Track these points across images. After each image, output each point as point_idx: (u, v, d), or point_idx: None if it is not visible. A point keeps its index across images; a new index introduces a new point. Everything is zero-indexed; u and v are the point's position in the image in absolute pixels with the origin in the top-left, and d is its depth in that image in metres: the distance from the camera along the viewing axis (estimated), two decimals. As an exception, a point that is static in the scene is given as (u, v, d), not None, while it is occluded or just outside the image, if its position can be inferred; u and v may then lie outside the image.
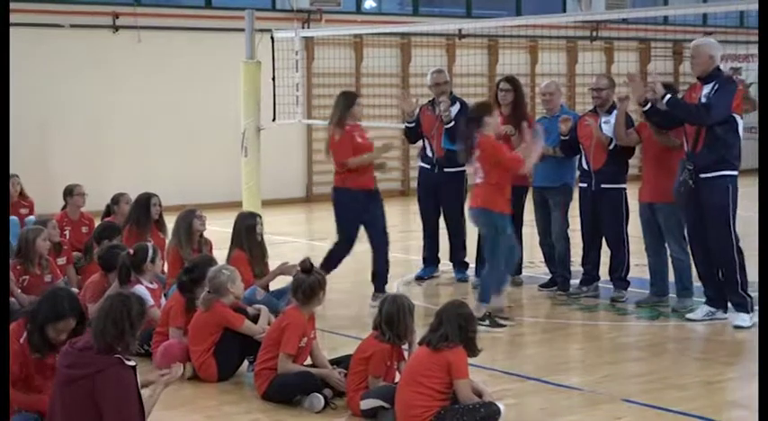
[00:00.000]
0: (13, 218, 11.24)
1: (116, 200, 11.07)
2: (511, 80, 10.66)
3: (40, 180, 14.87)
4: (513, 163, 9.10)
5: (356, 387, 6.67)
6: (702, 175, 8.82)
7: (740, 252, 8.93)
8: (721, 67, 9.10)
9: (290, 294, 7.37)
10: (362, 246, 11.65)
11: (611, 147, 9.78)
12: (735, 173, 8.87)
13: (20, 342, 6.07)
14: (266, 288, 9.24)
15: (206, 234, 9.98)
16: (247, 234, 9.38)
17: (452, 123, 10.68)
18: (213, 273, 7.66)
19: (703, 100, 8.82)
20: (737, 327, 8.88)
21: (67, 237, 10.89)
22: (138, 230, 10.11)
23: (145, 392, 5.65)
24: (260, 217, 9.58)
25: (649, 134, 9.55)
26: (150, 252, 8.40)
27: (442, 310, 6.37)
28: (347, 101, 10.29)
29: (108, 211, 11.13)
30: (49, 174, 16.00)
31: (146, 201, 10.40)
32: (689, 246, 9.29)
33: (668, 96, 8.86)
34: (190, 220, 9.67)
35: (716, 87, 8.78)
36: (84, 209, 11.56)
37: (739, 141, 8.87)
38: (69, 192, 11.47)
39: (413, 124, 11.17)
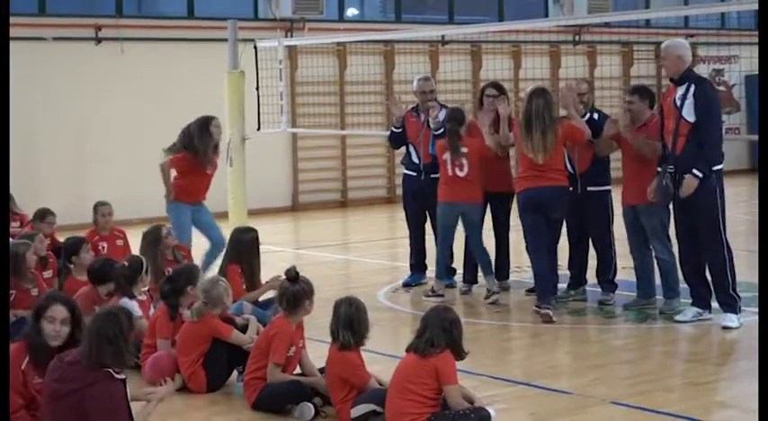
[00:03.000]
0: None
1: (94, 209, 11.11)
2: (498, 86, 10.73)
3: (25, 192, 14.82)
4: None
5: (339, 398, 6.64)
6: (687, 176, 8.84)
7: (730, 251, 8.95)
8: (704, 68, 9.13)
9: (276, 303, 7.37)
10: (348, 254, 11.66)
11: (586, 138, 9.74)
12: (719, 167, 8.88)
13: (21, 368, 5.96)
14: (255, 301, 9.22)
15: (192, 246, 9.98)
16: (249, 248, 9.38)
17: (442, 130, 10.73)
18: (210, 285, 7.62)
19: (677, 102, 8.85)
20: (726, 328, 8.89)
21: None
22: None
23: (137, 406, 5.64)
24: (257, 231, 9.58)
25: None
26: (144, 264, 8.43)
27: (427, 316, 6.37)
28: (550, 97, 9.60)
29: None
30: (34, 186, 15.94)
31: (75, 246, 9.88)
32: (676, 246, 9.31)
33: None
34: (157, 236, 9.70)
35: (692, 92, 8.79)
36: (70, 221, 11.53)
37: (720, 139, 8.90)
38: (41, 217, 11.28)
39: (400, 129, 11.17)
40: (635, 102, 9.45)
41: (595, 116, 9.94)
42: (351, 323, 6.61)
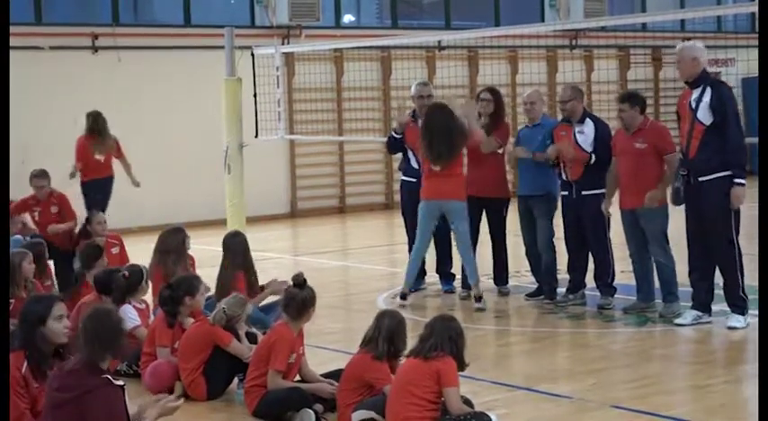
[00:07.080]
0: (17, 237, 11.20)
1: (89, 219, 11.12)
2: (492, 91, 10.78)
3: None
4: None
5: (348, 401, 6.65)
6: (701, 179, 8.83)
7: (740, 253, 8.93)
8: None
9: (281, 308, 7.35)
10: (347, 261, 11.65)
11: (591, 162, 9.82)
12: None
13: (22, 372, 5.97)
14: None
15: (190, 253, 9.96)
16: (245, 253, 9.38)
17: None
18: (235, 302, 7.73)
19: (693, 104, 8.84)
20: (731, 328, 8.88)
21: (37, 217, 10.87)
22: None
23: (134, 409, 5.63)
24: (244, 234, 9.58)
25: (624, 145, 9.56)
26: (145, 274, 8.46)
27: (433, 322, 6.37)
28: None
29: (86, 231, 11.08)
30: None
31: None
32: (685, 250, 9.28)
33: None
34: (181, 238, 9.70)
35: (708, 94, 8.78)
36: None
37: (742, 140, 8.90)
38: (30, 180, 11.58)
39: (400, 136, 11.17)
40: (626, 110, 9.47)
41: (586, 128, 9.96)
42: (391, 336, 6.63)
